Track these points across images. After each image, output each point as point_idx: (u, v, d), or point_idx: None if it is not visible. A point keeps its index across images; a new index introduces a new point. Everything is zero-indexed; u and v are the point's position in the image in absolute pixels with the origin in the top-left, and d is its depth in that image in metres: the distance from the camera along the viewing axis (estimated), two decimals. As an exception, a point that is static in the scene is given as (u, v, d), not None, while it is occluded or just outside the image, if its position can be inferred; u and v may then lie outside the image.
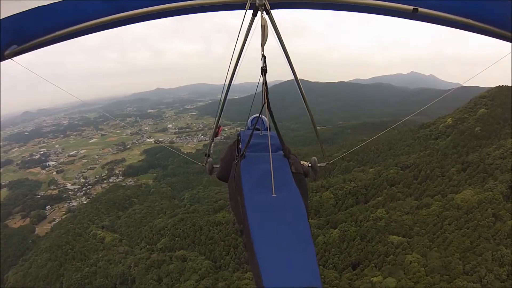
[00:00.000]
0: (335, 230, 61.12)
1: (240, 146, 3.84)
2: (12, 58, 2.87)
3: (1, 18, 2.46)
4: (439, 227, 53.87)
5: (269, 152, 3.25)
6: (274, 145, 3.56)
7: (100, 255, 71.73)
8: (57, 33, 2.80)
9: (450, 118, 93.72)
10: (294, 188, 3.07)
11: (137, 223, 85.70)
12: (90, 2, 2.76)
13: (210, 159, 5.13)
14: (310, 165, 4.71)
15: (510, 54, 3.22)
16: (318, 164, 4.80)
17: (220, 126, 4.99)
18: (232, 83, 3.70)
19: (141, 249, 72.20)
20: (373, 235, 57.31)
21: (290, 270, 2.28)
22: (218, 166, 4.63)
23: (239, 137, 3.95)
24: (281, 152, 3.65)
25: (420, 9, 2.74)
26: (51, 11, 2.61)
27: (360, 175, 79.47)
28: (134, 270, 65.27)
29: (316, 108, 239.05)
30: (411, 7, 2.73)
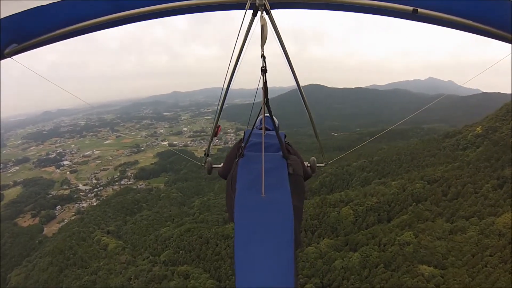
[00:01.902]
0: (355, 254, 52.42)
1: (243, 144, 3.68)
2: (12, 57, 2.80)
3: (1, 17, 2.41)
4: (479, 258, 44.25)
5: (270, 152, 3.32)
6: (276, 145, 3.47)
7: (101, 263, 68.30)
8: (57, 32, 2.72)
9: (480, 127, 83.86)
10: (286, 189, 2.92)
11: (142, 230, 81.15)
12: (89, 2, 2.68)
13: (209, 158, 4.93)
14: (309, 165, 4.42)
15: (510, 55, 3.10)
16: (317, 165, 4.63)
17: (219, 126, 4.70)
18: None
19: (143, 260, 67.48)
20: (400, 263, 48.16)
21: (264, 271, 2.28)
22: (217, 165, 4.60)
23: (244, 136, 3.84)
24: (281, 152, 3.41)
25: (420, 9, 2.63)
26: (50, 11, 2.55)
27: (382, 188, 70.22)
28: (134, 282, 60.82)
29: (333, 114, 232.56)
30: (411, 8, 2.62)
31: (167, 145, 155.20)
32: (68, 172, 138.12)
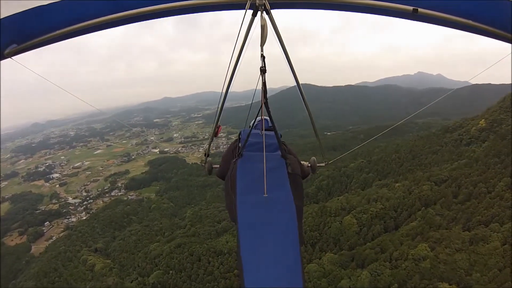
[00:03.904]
0: (364, 272, 44.80)
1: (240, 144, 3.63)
2: (12, 57, 2.74)
3: (1, 17, 2.39)
4: (508, 273, 37.40)
5: (268, 151, 3.20)
6: (274, 145, 3.40)
7: (88, 287, 62.07)
8: (57, 32, 2.67)
9: (483, 120, 77.79)
10: (287, 189, 2.85)
11: (131, 247, 73.96)
12: (89, 2, 2.65)
13: (209, 158, 4.74)
14: (309, 165, 4.27)
15: (510, 55, 3.05)
16: (318, 164, 4.44)
17: (219, 125, 4.52)
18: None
19: (131, 282, 60.53)
20: (417, 282, 40.51)
21: (272, 271, 2.23)
22: (217, 166, 4.36)
23: (240, 136, 3.70)
24: (279, 152, 3.34)
25: (420, 9, 2.59)
26: (51, 10, 2.51)
27: (386, 192, 62.95)
28: (121, 310, 54.41)
29: (324, 113, 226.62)
30: (411, 8, 2.58)
31: (158, 152, 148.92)
32: (57, 185, 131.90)
